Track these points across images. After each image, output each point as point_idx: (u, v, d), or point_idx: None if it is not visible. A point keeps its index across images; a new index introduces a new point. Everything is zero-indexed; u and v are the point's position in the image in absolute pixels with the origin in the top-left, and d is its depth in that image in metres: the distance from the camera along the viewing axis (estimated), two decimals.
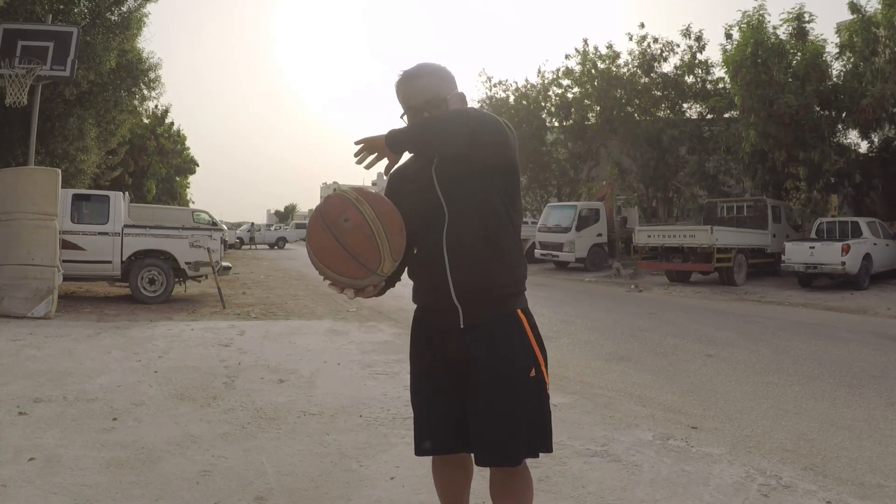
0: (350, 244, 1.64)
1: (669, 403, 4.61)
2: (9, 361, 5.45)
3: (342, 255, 1.65)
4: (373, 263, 1.67)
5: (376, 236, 1.65)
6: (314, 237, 1.68)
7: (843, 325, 8.75)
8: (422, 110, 1.82)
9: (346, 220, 1.64)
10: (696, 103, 21.85)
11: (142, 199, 26.40)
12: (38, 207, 8.21)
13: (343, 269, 1.67)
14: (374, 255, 1.67)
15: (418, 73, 1.86)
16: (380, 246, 1.66)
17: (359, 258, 1.65)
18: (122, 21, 13.38)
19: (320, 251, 1.67)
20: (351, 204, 1.66)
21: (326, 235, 1.65)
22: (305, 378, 5.13)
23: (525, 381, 1.81)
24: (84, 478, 2.98)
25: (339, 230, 1.64)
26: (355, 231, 1.64)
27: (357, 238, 1.64)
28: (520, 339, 1.83)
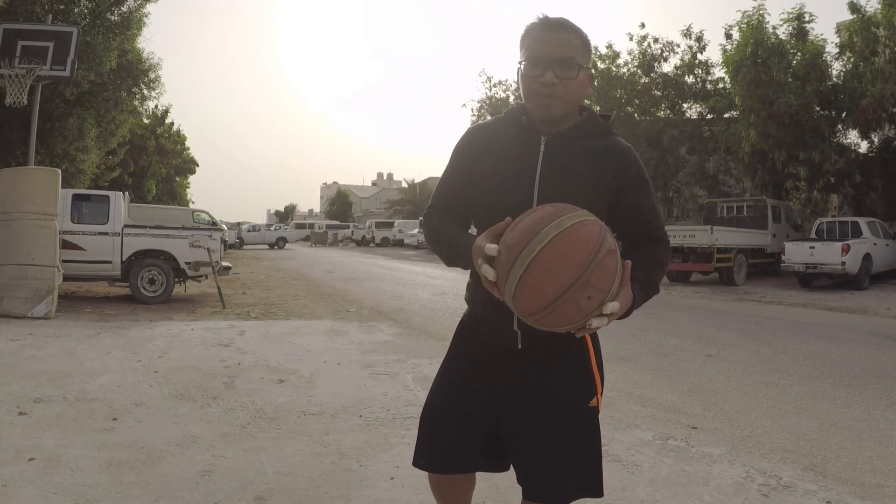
0: (567, 313, 1.29)
1: (669, 403, 4.61)
2: (9, 361, 5.45)
3: (551, 305, 1.28)
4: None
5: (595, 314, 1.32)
6: (560, 272, 1.26)
7: (843, 325, 8.75)
8: (548, 66, 1.48)
9: (588, 297, 1.27)
10: (696, 103, 21.88)
11: (142, 199, 26.41)
12: (38, 207, 8.21)
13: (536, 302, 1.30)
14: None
15: (564, 25, 1.53)
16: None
17: (568, 322, 1.32)
18: (122, 21, 13.40)
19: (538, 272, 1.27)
20: (611, 293, 1.31)
21: (562, 289, 1.27)
22: (305, 378, 5.13)
23: (584, 413, 1.59)
24: (84, 478, 2.98)
25: (574, 297, 1.27)
26: (578, 312, 1.29)
27: (573, 314, 1.30)
28: (581, 363, 1.60)
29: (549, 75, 1.48)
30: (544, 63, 1.48)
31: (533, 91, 1.51)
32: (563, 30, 1.52)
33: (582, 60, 1.52)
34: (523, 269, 1.27)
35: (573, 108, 1.56)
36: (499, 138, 1.61)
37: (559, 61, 1.48)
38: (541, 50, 1.49)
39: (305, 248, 39.81)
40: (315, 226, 49.87)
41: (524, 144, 1.56)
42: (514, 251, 1.29)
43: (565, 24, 1.53)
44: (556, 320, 1.29)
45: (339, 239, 45.43)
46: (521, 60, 1.54)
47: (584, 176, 1.52)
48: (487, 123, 1.67)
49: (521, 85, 1.55)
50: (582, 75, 1.52)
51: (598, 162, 1.54)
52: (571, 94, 1.51)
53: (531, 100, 1.53)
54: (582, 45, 1.53)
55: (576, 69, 1.49)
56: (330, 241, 44.70)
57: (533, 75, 1.50)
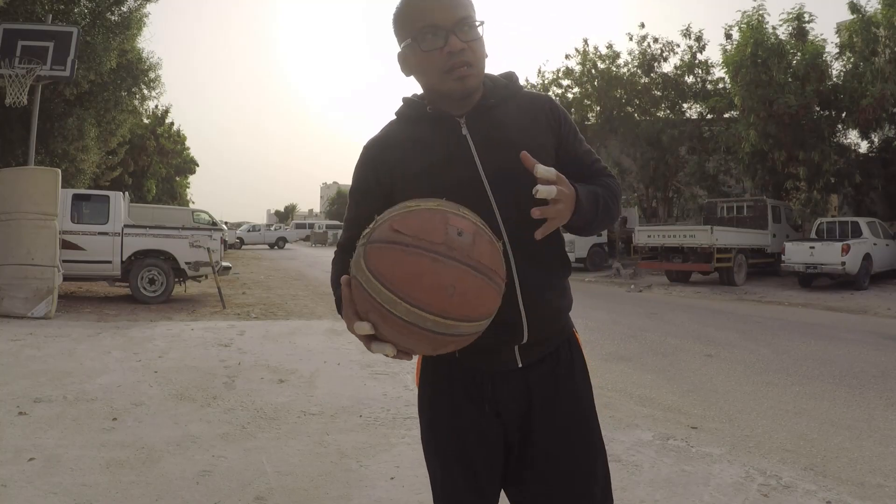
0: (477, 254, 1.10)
1: (669, 403, 4.61)
2: (9, 361, 5.45)
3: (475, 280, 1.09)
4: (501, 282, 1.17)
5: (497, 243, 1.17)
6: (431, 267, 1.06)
7: (843, 325, 8.75)
8: (448, 32, 1.26)
9: (459, 232, 1.09)
10: (696, 103, 21.86)
11: (142, 199, 26.40)
12: (38, 207, 8.21)
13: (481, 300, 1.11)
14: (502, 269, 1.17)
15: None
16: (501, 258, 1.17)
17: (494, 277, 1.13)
18: (122, 21, 13.40)
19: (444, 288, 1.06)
20: (449, 214, 1.12)
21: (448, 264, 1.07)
22: (305, 378, 5.13)
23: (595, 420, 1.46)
24: (84, 478, 2.98)
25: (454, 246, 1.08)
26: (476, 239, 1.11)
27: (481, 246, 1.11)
28: (582, 366, 1.46)
29: (455, 41, 1.25)
30: (444, 30, 1.26)
31: (439, 66, 1.27)
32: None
33: (475, 15, 1.31)
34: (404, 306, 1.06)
35: (483, 73, 1.35)
36: (410, 141, 1.35)
37: (459, 23, 1.26)
38: (435, 17, 1.26)
39: (305, 248, 39.81)
40: (315, 226, 49.82)
41: (444, 135, 1.34)
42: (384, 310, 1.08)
43: None
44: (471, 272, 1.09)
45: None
46: (409, 40, 1.30)
47: (521, 140, 1.32)
48: (383, 134, 1.42)
49: (421, 67, 1.31)
50: (481, 33, 1.32)
51: (527, 121, 1.37)
52: (480, 56, 1.30)
53: (439, 78, 1.29)
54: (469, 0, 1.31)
55: (476, 27, 1.30)
56: (330, 241, 44.65)
57: (435, 48, 1.27)
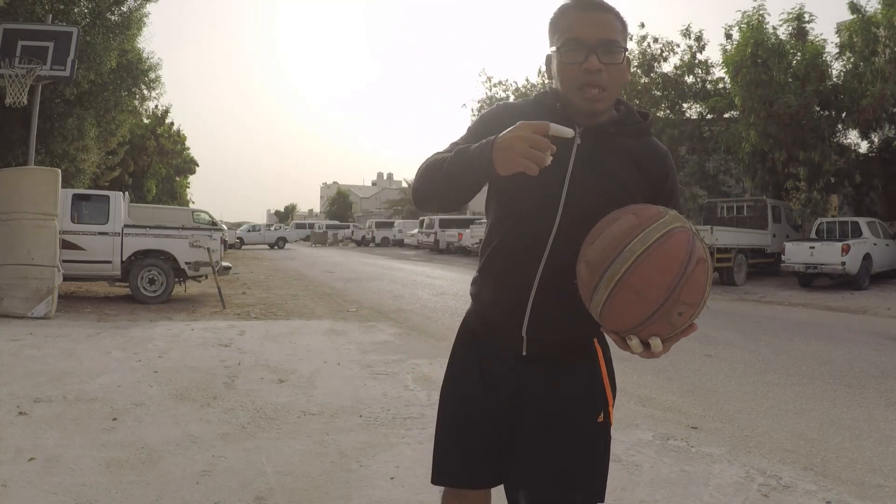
0: (657, 328, 1.22)
1: (669, 403, 4.61)
2: (9, 361, 5.45)
3: (638, 316, 1.21)
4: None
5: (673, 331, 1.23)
6: (656, 283, 1.18)
7: (843, 325, 8.75)
8: (591, 50, 1.32)
9: (679, 314, 1.19)
10: (696, 103, 21.85)
11: (142, 199, 26.39)
12: (38, 207, 8.21)
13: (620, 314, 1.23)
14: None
15: (603, 5, 1.37)
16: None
17: (640, 332, 1.23)
18: (122, 21, 13.40)
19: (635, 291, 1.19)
20: (700, 307, 1.21)
21: (655, 304, 1.18)
22: (305, 378, 5.13)
23: (591, 429, 1.47)
24: (84, 478, 2.98)
25: (666, 313, 1.19)
26: (668, 326, 1.22)
27: (664, 329, 1.23)
28: (590, 375, 1.48)
29: (594, 60, 1.31)
30: (587, 47, 1.32)
31: (575, 80, 1.34)
32: (603, 9, 1.36)
33: (624, 43, 1.37)
34: (608, 293, 1.20)
35: (615, 98, 1.41)
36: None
37: (603, 44, 1.32)
38: (582, 32, 1.33)
39: (305, 248, 39.81)
40: (315, 226, 49.83)
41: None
42: (597, 271, 1.21)
43: (604, 3, 1.37)
44: (647, 337, 1.22)
45: (339, 239, 45.40)
46: (555, 47, 1.38)
47: (618, 175, 1.38)
48: (518, 104, 1.50)
49: (559, 75, 1.39)
50: (625, 60, 1.37)
51: (633, 163, 1.41)
52: (616, 81, 1.36)
53: (572, 91, 1.36)
54: (622, 27, 1.38)
55: (621, 53, 1.35)
56: (330, 241, 44.69)
57: (574, 62, 1.33)
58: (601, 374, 1.49)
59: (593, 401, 1.47)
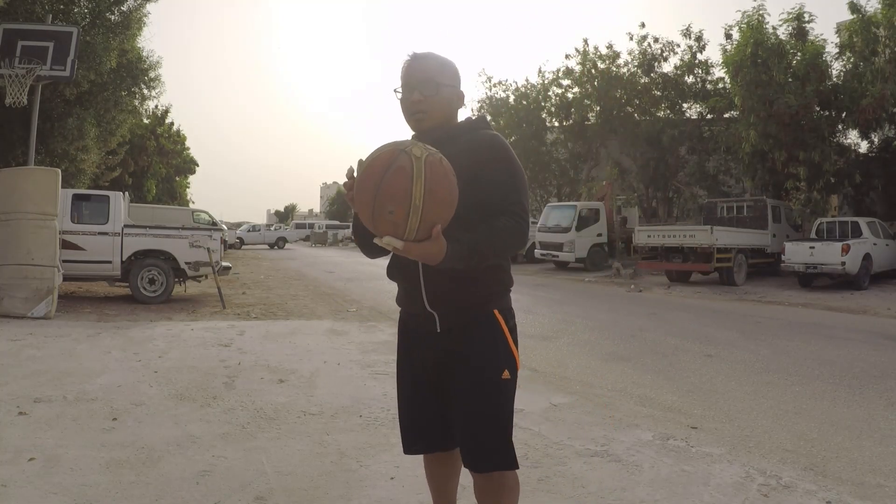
0: (379, 226, 1.58)
1: (669, 403, 4.61)
2: (9, 361, 5.45)
3: (366, 220, 1.60)
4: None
5: (404, 236, 1.57)
6: (362, 194, 1.58)
7: (843, 325, 8.75)
8: (413, 89, 1.84)
9: (390, 212, 1.54)
10: (696, 103, 21.86)
11: (142, 199, 26.41)
12: (38, 207, 8.21)
13: (365, 221, 1.62)
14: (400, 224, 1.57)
15: (424, 56, 1.89)
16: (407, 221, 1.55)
17: (376, 230, 1.59)
18: (122, 21, 13.40)
19: (358, 203, 1.61)
20: (406, 204, 1.53)
21: (367, 207, 1.57)
22: (305, 378, 5.13)
23: (497, 384, 1.82)
24: (84, 478, 2.98)
25: (379, 212, 1.56)
26: (389, 224, 1.56)
27: (387, 227, 1.57)
28: (493, 339, 1.84)
29: (416, 94, 1.83)
30: (409, 87, 1.85)
31: (406, 110, 1.87)
32: (423, 59, 1.87)
33: (443, 80, 1.85)
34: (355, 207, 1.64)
35: (444, 119, 1.87)
36: None
37: (422, 83, 1.83)
38: (407, 78, 1.86)
39: (305, 248, 39.81)
40: (315, 226, 49.82)
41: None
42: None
43: (426, 56, 1.88)
44: (382, 235, 1.57)
45: (339, 239, 45.35)
46: (395, 89, 1.90)
47: (462, 160, 1.72)
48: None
49: (402, 109, 1.90)
50: (445, 92, 1.85)
51: (461, 151, 1.77)
52: (436, 108, 1.84)
53: (407, 118, 1.88)
54: (440, 69, 1.86)
55: (435, 87, 1.83)
56: (330, 241, 44.66)
57: (405, 97, 1.87)
58: (506, 338, 1.85)
59: (498, 361, 1.83)
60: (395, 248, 1.56)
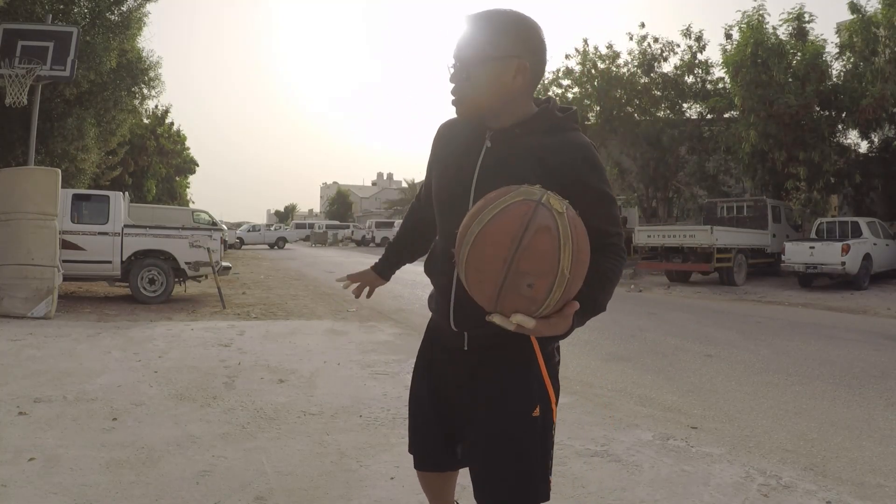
0: (506, 304, 1.24)
1: (669, 403, 4.61)
2: (9, 361, 5.45)
3: (488, 291, 1.24)
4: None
5: (535, 314, 1.24)
6: (491, 254, 1.21)
7: (843, 325, 8.75)
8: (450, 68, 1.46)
9: (529, 285, 1.19)
10: (696, 103, 21.85)
11: (142, 199, 26.39)
12: (38, 207, 8.20)
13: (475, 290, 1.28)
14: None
15: (472, 17, 1.44)
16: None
17: (500, 308, 1.26)
18: (122, 21, 13.40)
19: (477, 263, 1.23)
20: (552, 276, 1.19)
21: (499, 274, 1.20)
22: (305, 378, 5.13)
23: (525, 422, 1.49)
24: (84, 478, 2.98)
25: (512, 286, 1.20)
26: (522, 300, 1.23)
27: (518, 304, 1.24)
28: (526, 370, 1.51)
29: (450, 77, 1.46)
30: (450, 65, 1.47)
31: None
32: (470, 23, 1.44)
33: (493, 51, 1.40)
34: (464, 276, 1.27)
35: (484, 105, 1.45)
36: (455, 134, 1.59)
37: (453, 64, 1.45)
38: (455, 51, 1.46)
39: (305, 248, 39.81)
40: (315, 226, 49.84)
41: (471, 141, 1.52)
42: (457, 255, 1.27)
43: (474, 17, 1.44)
44: (510, 313, 1.24)
45: (339, 239, 45.43)
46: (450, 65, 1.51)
47: (518, 173, 1.40)
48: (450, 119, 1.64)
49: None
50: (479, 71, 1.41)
51: (538, 159, 1.42)
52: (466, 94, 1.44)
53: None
54: (487, 36, 1.41)
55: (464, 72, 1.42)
56: (330, 241, 44.70)
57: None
58: (540, 370, 1.51)
59: (528, 395, 1.49)
60: (525, 328, 1.23)
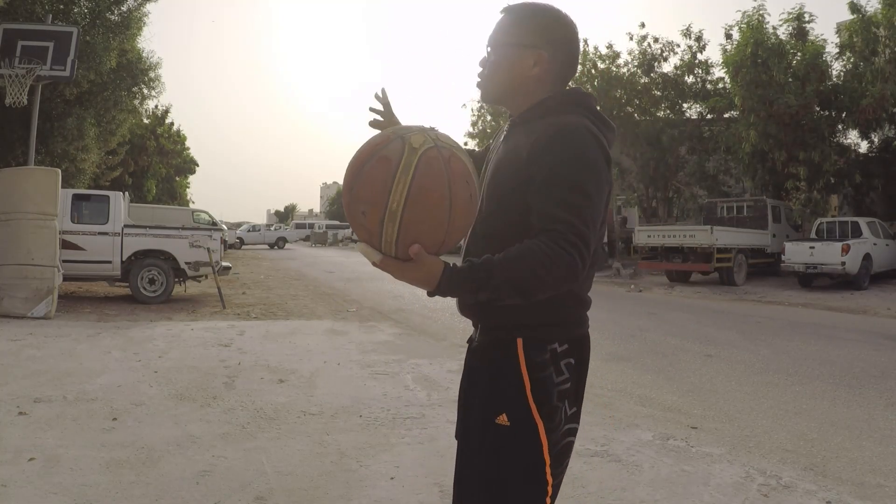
0: (352, 227, 1.26)
1: (669, 403, 4.61)
2: (9, 361, 5.45)
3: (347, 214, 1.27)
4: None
5: (381, 249, 1.23)
6: (345, 181, 1.25)
7: (843, 325, 8.75)
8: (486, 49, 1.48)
9: (363, 212, 1.21)
10: (696, 103, 21.85)
11: (142, 199, 26.39)
12: (38, 207, 8.20)
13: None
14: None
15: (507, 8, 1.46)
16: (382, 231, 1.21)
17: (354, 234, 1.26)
18: (122, 21, 13.40)
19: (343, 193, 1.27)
20: (381, 206, 1.18)
21: (345, 199, 1.25)
22: (305, 378, 5.13)
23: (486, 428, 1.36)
24: (84, 478, 2.98)
25: (352, 212, 1.24)
26: (361, 230, 1.24)
27: (360, 233, 1.25)
28: (500, 371, 1.37)
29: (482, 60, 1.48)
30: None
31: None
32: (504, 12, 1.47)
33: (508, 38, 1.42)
34: None
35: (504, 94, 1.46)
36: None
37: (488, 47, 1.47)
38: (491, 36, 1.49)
39: (305, 248, 39.80)
40: (315, 226, 49.82)
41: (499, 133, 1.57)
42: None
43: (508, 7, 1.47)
44: (361, 240, 1.26)
45: (339, 239, 45.37)
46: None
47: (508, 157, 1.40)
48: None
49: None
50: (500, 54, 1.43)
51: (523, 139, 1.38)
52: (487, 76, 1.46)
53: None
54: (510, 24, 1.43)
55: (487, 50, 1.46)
56: (330, 241, 44.67)
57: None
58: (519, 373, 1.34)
59: (496, 400, 1.36)
60: (373, 261, 1.24)
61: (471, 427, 1.41)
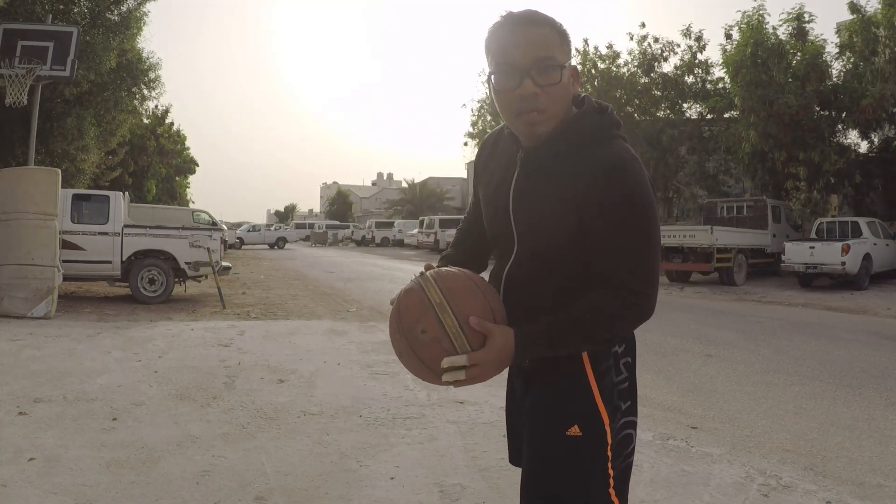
0: (426, 358, 1.30)
1: (669, 403, 4.61)
2: (9, 361, 5.45)
3: (418, 365, 1.35)
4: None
5: (457, 349, 1.29)
6: (393, 337, 1.38)
7: (843, 325, 8.75)
8: (525, 73, 1.22)
9: (422, 331, 1.30)
10: (696, 103, 21.87)
11: (142, 199, 26.40)
12: (38, 207, 8.21)
13: (420, 375, 1.38)
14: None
15: (536, 19, 1.25)
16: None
17: (434, 369, 1.32)
18: (122, 21, 13.41)
19: (399, 354, 1.38)
20: (430, 310, 1.28)
21: (403, 342, 1.34)
22: (305, 378, 5.13)
23: (555, 441, 1.34)
24: (84, 478, 2.98)
25: (415, 341, 1.31)
26: (432, 345, 1.29)
27: (434, 352, 1.29)
28: (568, 384, 1.36)
29: (529, 84, 1.22)
30: (520, 71, 1.22)
31: (512, 108, 1.26)
32: (535, 24, 1.24)
33: (563, 58, 1.25)
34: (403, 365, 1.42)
35: (562, 117, 1.30)
36: (496, 150, 1.48)
37: (537, 64, 1.22)
38: (513, 55, 1.23)
39: (305, 248, 39.81)
40: (315, 226, 49.82)
41: (509, 158, 1.40)
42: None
43: (536, 18, 1.25)
44: (418, 363, 1.33)
45: (339, 239, 45.40)
46: (490, 72, 1.29)
47: (553, 193, 1.30)
48: (497, 131, 1.51)
49: (497, 102, 1.30)
50: (566, 75, 1.26)
51: (570, 175, 1.28)
52: (558, 102, 1.26)
53: (511, 119, 1.29)
54: (560, 39, 1.26)
55: (558, 71, 1.23)
56: (330, 241, 44.69)
57: (508, 89, 1.25)
58: (587, 384, 1.34)
59: (564, 412, 1.34)
60: (463, 366, 1.27)
61: (538, 448, 1.38)
